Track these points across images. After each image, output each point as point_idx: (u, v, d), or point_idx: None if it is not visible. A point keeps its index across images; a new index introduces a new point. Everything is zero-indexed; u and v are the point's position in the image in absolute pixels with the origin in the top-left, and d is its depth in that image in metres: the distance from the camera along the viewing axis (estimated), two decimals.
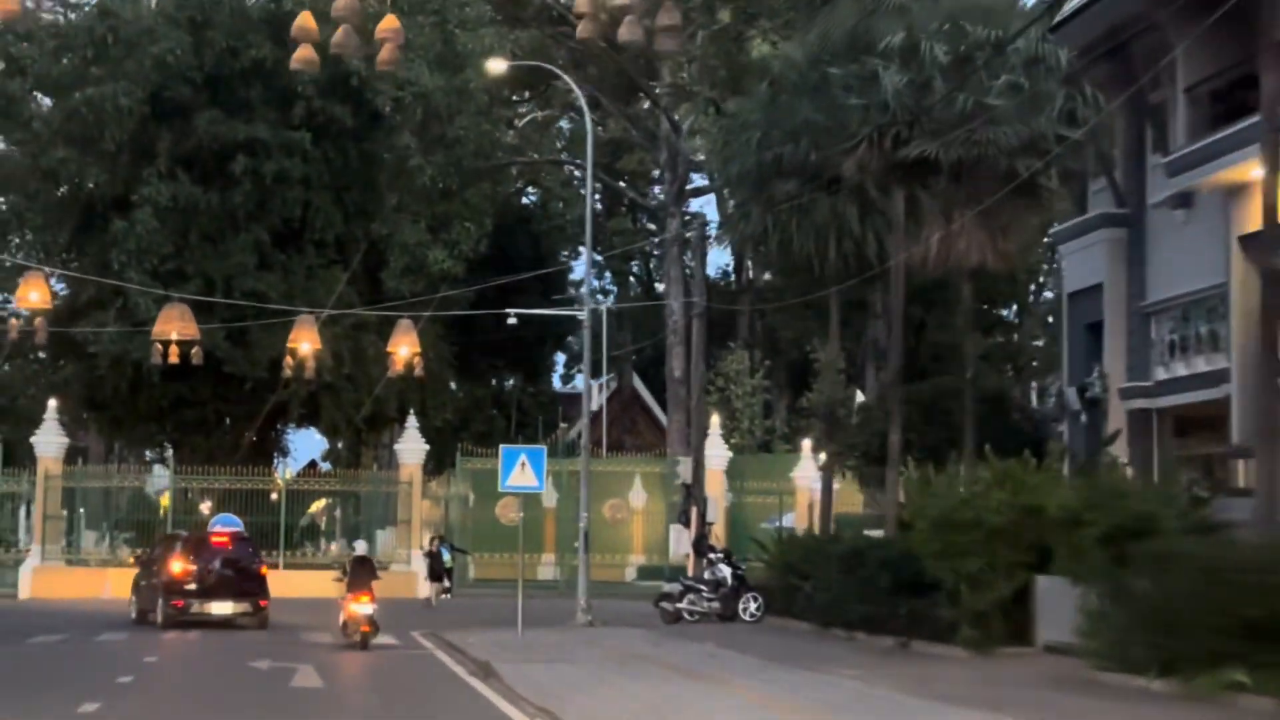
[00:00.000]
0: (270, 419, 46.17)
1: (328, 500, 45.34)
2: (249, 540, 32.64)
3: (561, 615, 34.72)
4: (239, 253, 42.84)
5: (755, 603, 29.91)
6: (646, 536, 51.35)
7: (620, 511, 47.46)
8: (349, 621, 25.31)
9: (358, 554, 27.05)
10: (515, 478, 26.72)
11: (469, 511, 54.36)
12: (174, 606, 29.64)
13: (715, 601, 30.31)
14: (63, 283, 45.00)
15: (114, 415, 45.31)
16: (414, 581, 43.87)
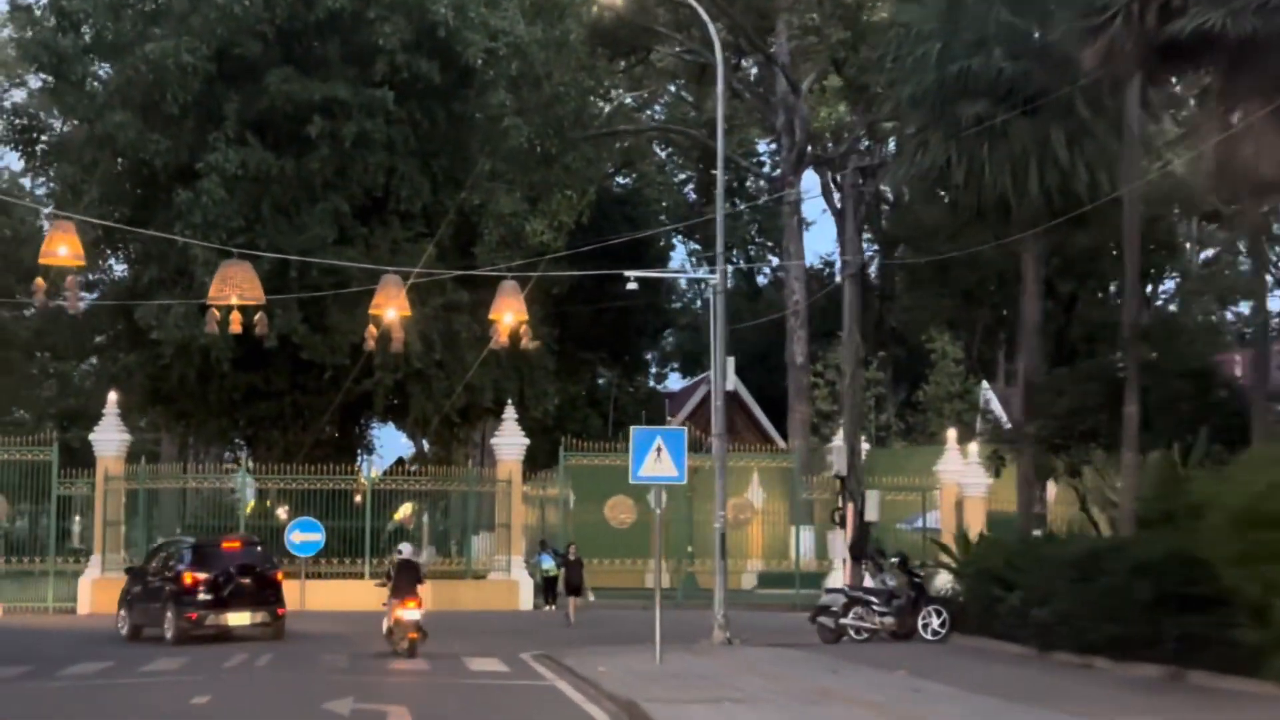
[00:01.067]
0: (353, 411, 41.05)
1: (415, 506, 39.87)
2: (259, 543, 30.12)
3: (688, 630, 29.70)
4: (316, 225, 37.85)
5: (938, 618, 24.43)
6: (767, 539, 45.79)
7: (744, 512, 41.75)
8: (395, 628, 24.08)
9: (403, 557, 25.11)
10: (649, 467, 21.42)
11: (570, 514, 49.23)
12: (188, 619, 27.00)
13: (888, 616, 24.86)
14: (122, 263, 40.07)
15: (181, 409, 40.32)
16: (515, 592, 38.72)
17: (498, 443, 40.07)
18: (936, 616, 24.63)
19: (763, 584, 47.11)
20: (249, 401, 39.61)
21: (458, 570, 38.93)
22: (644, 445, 21.75)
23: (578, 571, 31.02)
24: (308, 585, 36.76)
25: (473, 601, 38.01)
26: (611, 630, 30.01)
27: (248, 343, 38.00)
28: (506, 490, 39.65)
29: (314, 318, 38.50)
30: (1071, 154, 22.36)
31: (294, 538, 36.80)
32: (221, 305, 27.86)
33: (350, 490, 38.13)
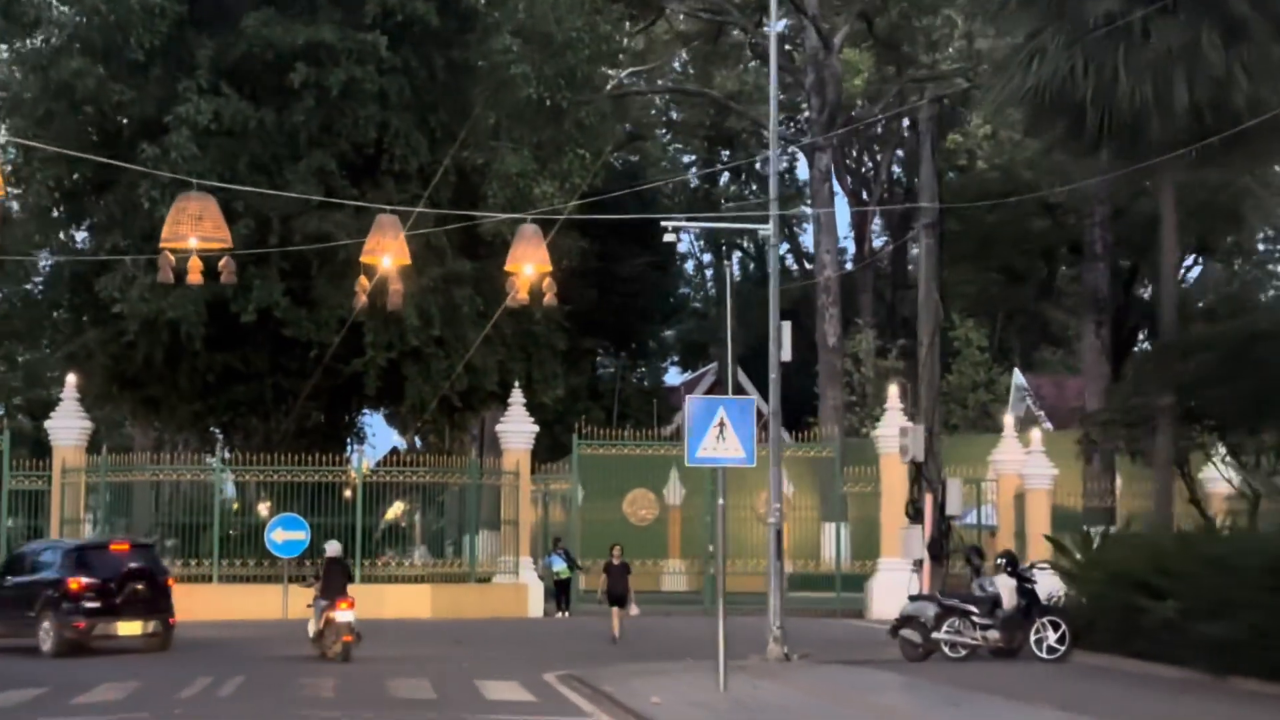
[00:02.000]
0: (342, 396, 36.46)
1: (406, 504, 35.16)
2: (150, 546, 27.64)
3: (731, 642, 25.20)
4: (300, 186, 33.20)
5: (1054, 631, 20.01)
6: (795, 537, 41.07)
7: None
8: (327, 631, 22.78)
9: (330, 555, 23.84)
10: (710, 447, 17.00)
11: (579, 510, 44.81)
12: (75, 629, 24.13)
13: (992, 629, 20.46)
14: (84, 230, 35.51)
15: (148, 394, 35.57)
16: (524, 597, 34.28)
17: (504, 430, 35.55)
18: (1053, 630, 20.17)
19: (791, 586, 42.54)
20: (225, 384, 35.05)
21: (459, 573, 34.36)
22: (703, 420, 17.27)
23: (623, 579, 25.90)
24: (291, 591, 32.15)
25: (477, 608, 33.49)
26: (643, 643, 25.48)
27: (222, 319, 33.52)
28: (514, 483, 35.15)
29: (297, 290, 34.01)
30: (1229, 56, 17.87)
31: (276, 536, 32.31)
32: (178, 249, 23.13)
33: (339, 483, 33.56)
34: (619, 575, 25.34)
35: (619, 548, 25.78)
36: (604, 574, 25.38)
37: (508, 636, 28.71)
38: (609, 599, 25.30)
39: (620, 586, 25.16)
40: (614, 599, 25.29)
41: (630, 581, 25.42)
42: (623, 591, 25.21)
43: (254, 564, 32.88)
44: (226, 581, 33.05)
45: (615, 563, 25.59)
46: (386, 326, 33.93)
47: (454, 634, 28.51)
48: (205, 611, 31.73)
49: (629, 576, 25.30)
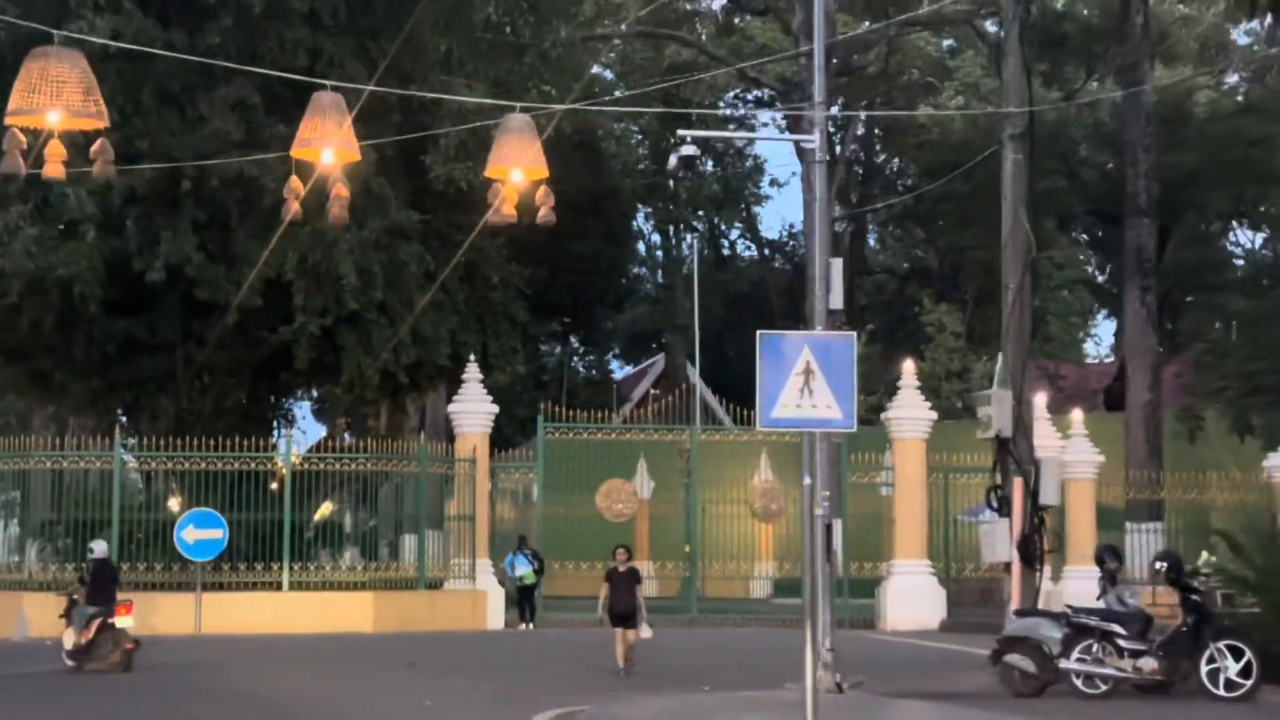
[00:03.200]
0: (267, 370, 31.14)
1: (336, 503, 29.68)
2: None
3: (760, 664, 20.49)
4: (217, 121, 27.68)
5: (1236, 660, 14.95)
6: (782, 535, 36.03)
7: (774, 499, 32.11)
8: (101, 640, 20.60)
9: (97, 556, 21.78)
10: (790, 404, 11.84)
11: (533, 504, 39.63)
12: None
13: (1147, 656, 15.30)
14: None
15: (37, 367, 29.91)
16: (482, 606, 29.23)
17: (459, 410, 30.35)
18: (1233, 657, 15.17)
19: (780, 592, 37.65)
20: (127, 357, 29.62)
21: (405, 578, 28.99)
22: (780, 364, 12.09)
23: (631, 590, 19.55)
24: (205, 600, 26.76)
25: (427, 619, 28.35)
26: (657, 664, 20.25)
27: (124, 278, 28.13)
28: (469, 472, 29.95)
29: (214, 245, 28.72)
30: None
31: (187, 535, 27.14)
32: (27, 125, 17.55)
33: (264, 473, 28.10)
34: (626, 586, 19.53)
35: (624, 550, 20.15)
36: (605, 583, 19.76)
37: (470, 656, 23.60)
38: (612, 617, 19.61)
39: (628, 600, 19.39)
40: (619, 617, 19.57)
41: (640, 593, 19.74)
42: (631, 607, 19.42)
43: (161, 568, 27.45)
44: (129, 589, 27.46)
45: (621, 569, 19.79)
46: (320, 287, 28.74)
47: (403, 651, 23.30)
48: None
49: (639, 587, 19.68)
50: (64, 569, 28.13)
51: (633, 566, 19.79)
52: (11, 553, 30.19)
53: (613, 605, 19.38)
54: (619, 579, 19.54)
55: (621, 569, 19.70)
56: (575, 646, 25.27)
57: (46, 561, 28.82)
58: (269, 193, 28.22)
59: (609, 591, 19.52)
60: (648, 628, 19.44)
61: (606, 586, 19.67)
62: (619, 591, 19.44)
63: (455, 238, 31.85)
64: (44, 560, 29.11)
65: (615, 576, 19.60)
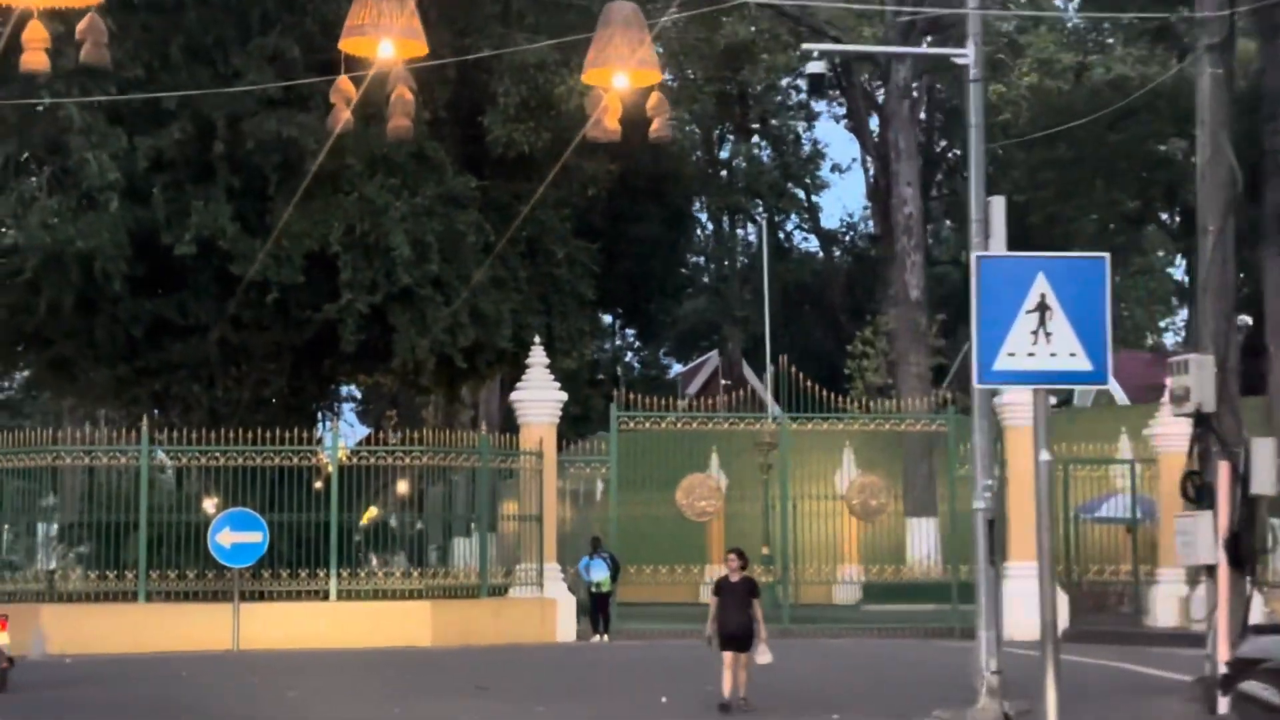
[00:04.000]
0: (311, 354, 27.98)
1: (380, 506, 26.51)
2: None
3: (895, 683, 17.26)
4: (252, 76, 24.67)
5: None
6: (868, 536, 32.72)
7: (876, 495, 28.75)
8: None
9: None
10: (1020, 351, 8.56)
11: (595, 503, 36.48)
12: None
13: None
14: None
15: (58, 353, 26.86)
16: (551, 617, 26.12)
17: (523, 398, 27.19)
18: None
19: (869, 598, 34.41)
20: (156, 341, 26.66)
21: (466, 586, 25.81)
22: (1004, 300, 8.76)
23: (744, 605, 15.57)
24: (244, 611, 23.66)
25: (490, 631, 25.28)
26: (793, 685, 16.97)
27: (151, 252, 25.08)
28: (535, 466, 26.75)
29: (250, 214, 25.57)
30: None
31: (223, 539, 23.99)
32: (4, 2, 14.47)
33: (308, 469, 24.97)
34: (739, 600, 15.70)
35: (738, 555, 16.17)
36: (713, 597, 16.07)
37: (546, 676, 20.48)
38: (721, 638, 15.83)
39: (741, 618, 15.60)
40: (730, 639, 15.62)
41: (758, 609, 16.02)
42: (746, 626, 15.62)
43: (194, 576, 24.38)
44: (159, 599, 24.59)
45: (733, 578, 15.86)
46: (369, 260, 25.68)
47: (468, 670, 20.23)
48: (128, 641, 23.40)
49: (756, 601, 15.96)
50: (87, 577, 25.16)
51: (748, 576, 16.07)
52: (33, 559, 27.21)
53: (722, 624, 15.70)
54: (730, 591, 15.83)
55: (734, 579, 15.95)
56: (663, 663, 22.14)
57: (68, 569, 25.79)
58: (311, 156, 25.22)
59: (718, 607, 15.91)
60: (767, 651, 15.75)
61: (715, 601, 15.98)
62: (730, 607, 15.73)
63: (516, 208, 28.82)
64: (66, 568, 26.09)
65: (726, 588, 15.91)
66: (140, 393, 27.59)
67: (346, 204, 25.76)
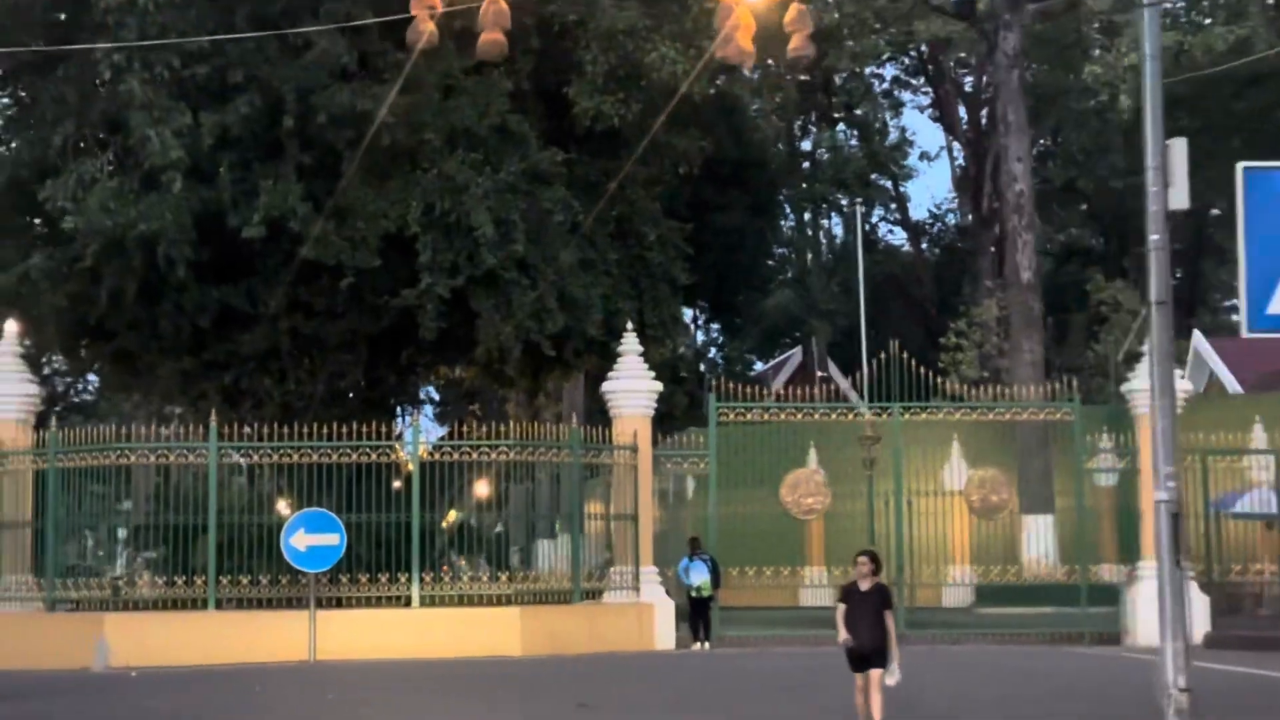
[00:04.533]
0: (389, 344, 26.17)
1: (462, 508, 24.65)
2: None
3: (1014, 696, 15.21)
4: (324, 45, 22.92)
5: None
6: (980, 535, 30.46)
7: (997, 490, 26.52)
8: None
9: None
10: None
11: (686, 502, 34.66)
12: None
13: None
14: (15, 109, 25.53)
15: (121, 346, 25.20)
16: (648, 624, 24.24)
17: (615, 389, 25.33)
18: None
19: (983, 600, 32.26)
20: (223, 331, 24.98)
21: (556, 591, 23.90)
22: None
23: (878, 615, 13.15)
24: (320, 619, 21.93)
25: (584, 639, 23.42)
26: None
27: (217, 236, 23.40)
28: (630, 461, 24.81)
29: (323, 194, 23.88)
30: None
31: (297, 542, 22.18)
32: None
33: (386, 466, 23.15)
34: (870, 610, 13.15)
35: (870, 558, 13.44)
36: (840, 605, 13.72)
37: (652, 691, 18.64)
38: (852, 655, 13.34)
39: (873, 632, 13.08)
40: (862, 656, 13.21)
41: (891, 621, 13.62)
42: (878, 641, 13.11)
43: (267, 582, 22.62)
44: (229, 607, 22.85)
45: (863, 585, 13.28)
46: (449, 242, 23.85)
47: (565, 683, 18.37)
48: (197, 652, 21.74)
49: (890, 612, 13.54)
50: (154, 583, 23.50)
51: (880, 583, 13.64)
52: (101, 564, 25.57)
53: (857, 636, 13.16)
54: (861, 601, 13.27)
55: (864, 585, 13.33)
56: (777, 675, 20.24)
57: (135, 575, 24.12)
58: (386, 130, 23.46)
59: (845, 618, 13.25)
60: (896, 671, 13.40)
61: (842, 611, 13.37)
62: (861, 619, 13.20)
63: (603, 186, 26.94)
64: (133, 574, 24.44)
65: (855, 596, 13.33)
66: (208, 387, 25.87)
67: (425, 181, 23.96)
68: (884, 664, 13.15)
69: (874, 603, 13.22)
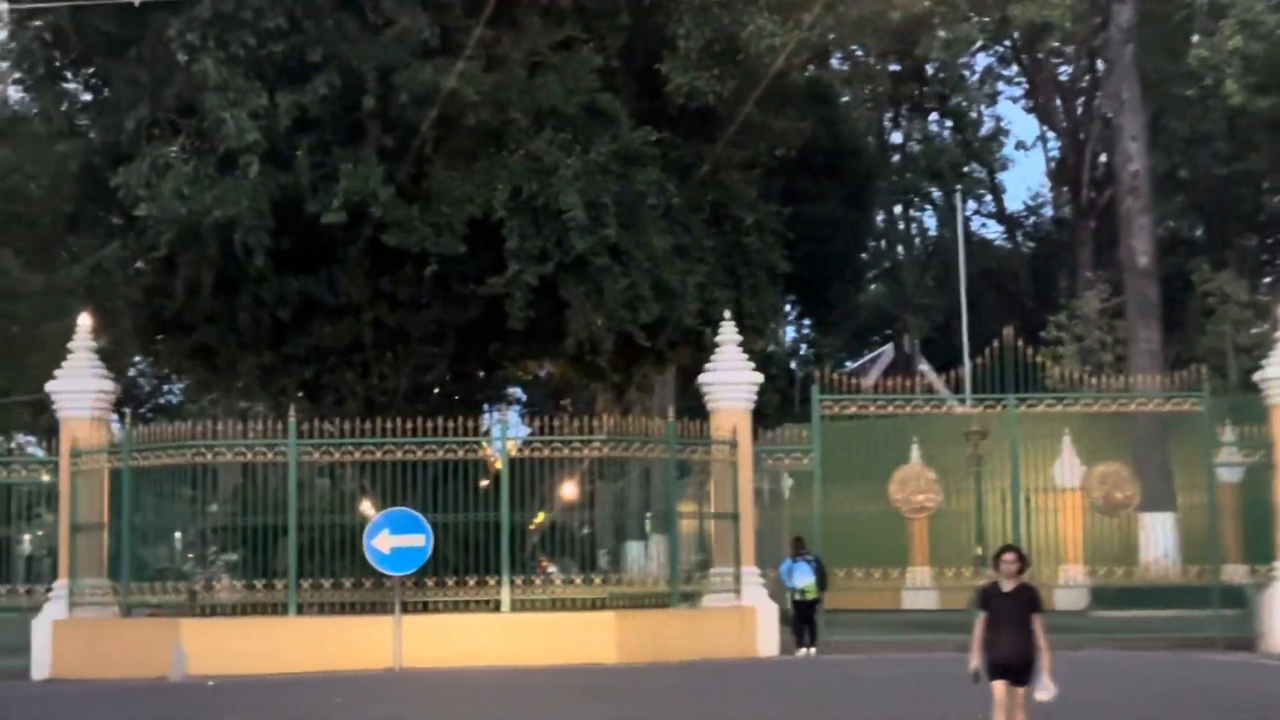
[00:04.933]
0: (475, 335, 24.92)
1: (549, 511, 23.37)
2: None
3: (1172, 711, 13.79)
4: (405, 21, 21.84)
5: None
6: (1094, 533, 28.74)
7: (1121, 487, 24.91)
8: None
9: None
10: None
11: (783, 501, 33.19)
12: None
13: None
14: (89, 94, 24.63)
15: (199, 340, 24.16)
16: (750, 627, 23.11)
17: (713, 381, 23.97)
18: None
19: (1099, 603, 30.63)
20: (303, 323, 23.91)
21: (654, 595, 22.57)
22: None
23: (1025, 623, 11.30)
24: (406, 624, 20.76)
25: (683, 645, 22.13)
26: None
27: (296, 223, 22.28)
28: (729, 456, 23.41)
29: (406, 178, 22.58)
30: None
31: (380, 543, 20.91)
32: None
33: (474, 463, 21.89)
34: (1017, 615, 11.40)
35: (1016, 554, 11.64)
36: (980, 611, 12.06)
37: (768, 708, 16.94)
38: (994, 666, 11.36)
39: (1020, 640, 11.28)
40: (1005, 667, 11.37)
41: (1039, 627, 11.96)
42: (1026, 651, 11.29)
43: (350, 585, 21.45)
44: (311, 612, 21.71)
45: (1006, 587, 11.53)
46: (538, 227, 22.57)
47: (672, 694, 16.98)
48: (277, 659, 20.67)
49: (1038, 617, 11.86)
50: (234, 587, 22.42)
51: (1026, 584, 11.95)
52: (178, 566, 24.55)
53: (995, 647, 11.45)
54: (1004, 604, 11.52)
55: (1008, 586, 11.56)
56: (893, 684, 18.82)
57: (213, 579, 23.03)
58: (472, 110, 22.23)
59: (986, 626, 11.54)
60: (1050, 685, 11.72)
61: (983, 617, 11.63)
62: (1006, 625, 11.45)
63: (697, 169, 25.64)
64: (211, 577, 23.36)
65: (997, 599, 11.58)
66: (288, 382, 24.77)
67: (511, 163, 22.75)
68: (1031, 679, 11.41)
69: (1021, 606, 11.46)
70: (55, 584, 23.34)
